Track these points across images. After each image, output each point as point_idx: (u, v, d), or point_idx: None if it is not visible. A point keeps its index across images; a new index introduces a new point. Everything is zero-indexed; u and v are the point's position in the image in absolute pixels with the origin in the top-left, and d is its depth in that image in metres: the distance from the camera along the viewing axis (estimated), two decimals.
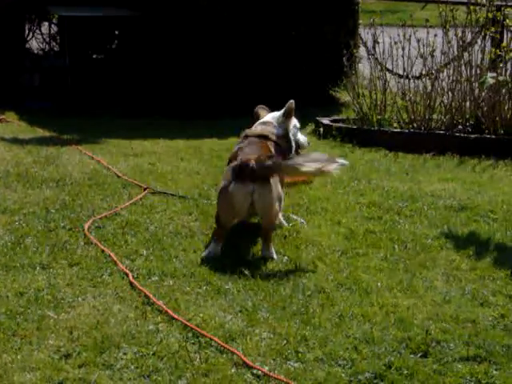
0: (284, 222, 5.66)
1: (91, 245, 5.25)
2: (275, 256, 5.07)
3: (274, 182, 5.09)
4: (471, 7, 8.64)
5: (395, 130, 8.58)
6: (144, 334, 4.04)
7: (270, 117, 5.82)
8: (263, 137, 5.56)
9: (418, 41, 8.62)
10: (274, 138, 5.60)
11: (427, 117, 8.59)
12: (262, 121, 5.80)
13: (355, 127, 8.84)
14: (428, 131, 8.49)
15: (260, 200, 5.01)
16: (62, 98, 10.54)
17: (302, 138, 5.97)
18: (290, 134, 5.76)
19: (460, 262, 5.09)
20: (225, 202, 5.10)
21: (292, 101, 5.78)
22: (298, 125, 5.93)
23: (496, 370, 3.80)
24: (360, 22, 11.03)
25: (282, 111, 5.77)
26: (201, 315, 4.25)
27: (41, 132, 8.95)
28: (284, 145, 5.66)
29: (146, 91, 10.45)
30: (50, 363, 3.76)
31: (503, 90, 8.38)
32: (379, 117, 8.81)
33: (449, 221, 5.87)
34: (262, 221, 5.20)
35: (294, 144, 5.78)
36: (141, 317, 4.24)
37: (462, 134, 8.33)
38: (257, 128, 5.75)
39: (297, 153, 5.83)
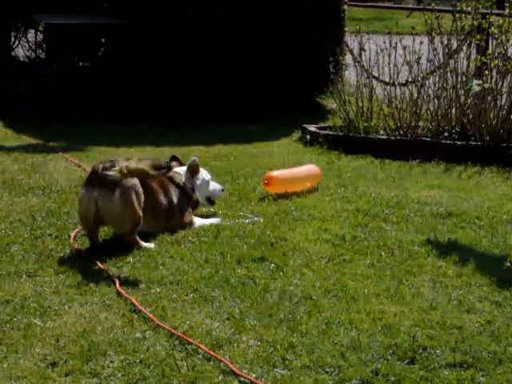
0: None
1: (78, 252, 5.24)
2: None
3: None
4: (457, 15, 8.68)
5: (382, 137, 8.60)
6: (131, 342, 4.02)
7: (180, 169, 5.95)
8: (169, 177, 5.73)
9: (404, 48, 8.65)
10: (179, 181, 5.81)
11: (413, 124, 8.62)
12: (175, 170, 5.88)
13: (342, 134, 8.86)
14: (414, 138, 8.51)
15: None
16: (48, 106, 10.53)
17: (213, 186, 6.11)
18: (196, 189, 5.95)
19: (446, 268, 5.10)
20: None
21: (195, 158, 5.95)
22: (207, 176, 6.07)
23: (483, 376, 3.80)
24: (346, 29, 11.08)
25: (186, 169, 5.94)
26: (188, 323, 4.24)
27: (27, 139, 8.94)
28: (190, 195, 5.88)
29: (132, 98, 10.45)
30: (37, 371, 3.75)
31: (489, 98, 8.41)
32: (366, 124, 8.83)
33: (435, 227, 5.88)
34: None
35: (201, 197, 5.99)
36: (128, 324, 4.22)
37: (448, 141, 8.37)
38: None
39: (211, 202, 6.10)
